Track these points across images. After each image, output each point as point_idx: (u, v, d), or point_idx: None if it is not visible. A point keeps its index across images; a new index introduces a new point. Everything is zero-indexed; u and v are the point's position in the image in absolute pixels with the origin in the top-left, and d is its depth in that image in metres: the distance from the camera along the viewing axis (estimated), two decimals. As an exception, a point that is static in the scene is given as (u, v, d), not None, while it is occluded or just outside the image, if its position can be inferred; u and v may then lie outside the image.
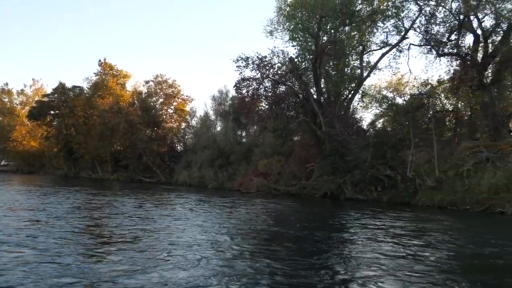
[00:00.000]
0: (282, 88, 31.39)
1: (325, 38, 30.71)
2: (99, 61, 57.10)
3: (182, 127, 52.76)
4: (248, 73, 31.24)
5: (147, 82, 53.24)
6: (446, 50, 26.81)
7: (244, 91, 31.22)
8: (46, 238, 9.47)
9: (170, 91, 52.54)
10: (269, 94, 31.37)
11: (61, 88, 56.95)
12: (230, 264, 7.76)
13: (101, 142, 50.56)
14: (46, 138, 60.54)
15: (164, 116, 52.13)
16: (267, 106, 32.76)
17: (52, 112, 57.97)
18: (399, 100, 35.05)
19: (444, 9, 26.77)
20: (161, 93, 52.56)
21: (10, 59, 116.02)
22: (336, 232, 12.36)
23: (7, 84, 71.42)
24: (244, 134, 44.86)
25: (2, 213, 13.67)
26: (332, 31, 31.00)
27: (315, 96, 31.06)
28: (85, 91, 57.36)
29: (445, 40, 27.03)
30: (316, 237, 11.15)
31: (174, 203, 19.90)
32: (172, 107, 53.05)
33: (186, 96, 53.13)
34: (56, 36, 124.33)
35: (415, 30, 28.34)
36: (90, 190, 27.56)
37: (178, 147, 51.46)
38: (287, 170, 31.40)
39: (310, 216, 17.37)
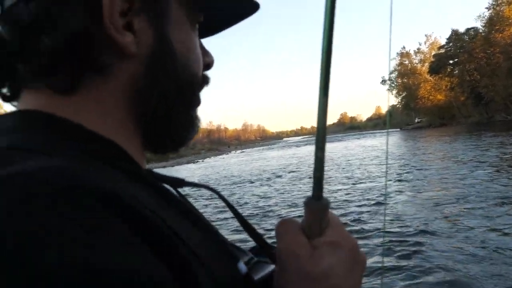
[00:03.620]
0: None
1: None
2: (490, -8, 51.92)
3: None
4: None
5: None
6: None
7: None
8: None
9: None
10: None
11: (454, 36, 56.06)
12: None
13: (511, 80, 46.07)
14: (451, 89, 61.18)
15: None
16: None
17: (451, 61, 58.08)
18: None
19: None
20: None
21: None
22: None
23: (404, 47, 76.62)
24: None
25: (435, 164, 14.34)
26: None
27: None
28: (480, 31, 53.79)
29: None
30: None
31: None
32: None
33: None
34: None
35: None
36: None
37: None
38: None
39: None
